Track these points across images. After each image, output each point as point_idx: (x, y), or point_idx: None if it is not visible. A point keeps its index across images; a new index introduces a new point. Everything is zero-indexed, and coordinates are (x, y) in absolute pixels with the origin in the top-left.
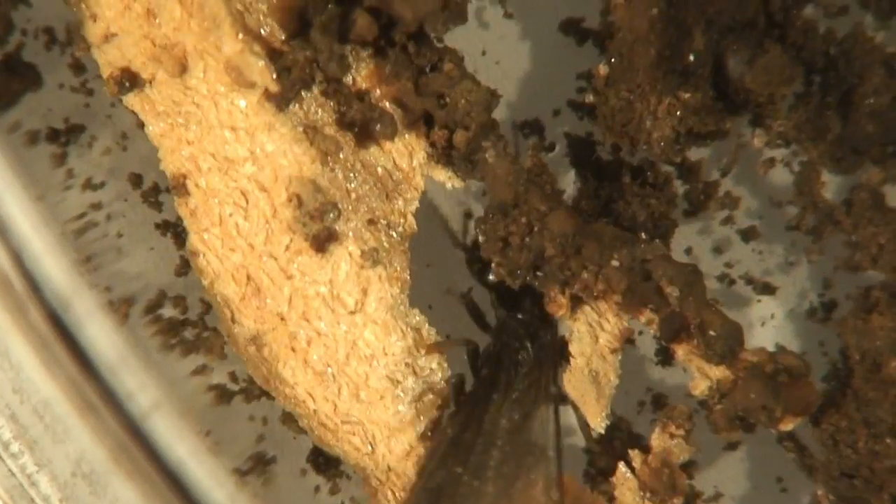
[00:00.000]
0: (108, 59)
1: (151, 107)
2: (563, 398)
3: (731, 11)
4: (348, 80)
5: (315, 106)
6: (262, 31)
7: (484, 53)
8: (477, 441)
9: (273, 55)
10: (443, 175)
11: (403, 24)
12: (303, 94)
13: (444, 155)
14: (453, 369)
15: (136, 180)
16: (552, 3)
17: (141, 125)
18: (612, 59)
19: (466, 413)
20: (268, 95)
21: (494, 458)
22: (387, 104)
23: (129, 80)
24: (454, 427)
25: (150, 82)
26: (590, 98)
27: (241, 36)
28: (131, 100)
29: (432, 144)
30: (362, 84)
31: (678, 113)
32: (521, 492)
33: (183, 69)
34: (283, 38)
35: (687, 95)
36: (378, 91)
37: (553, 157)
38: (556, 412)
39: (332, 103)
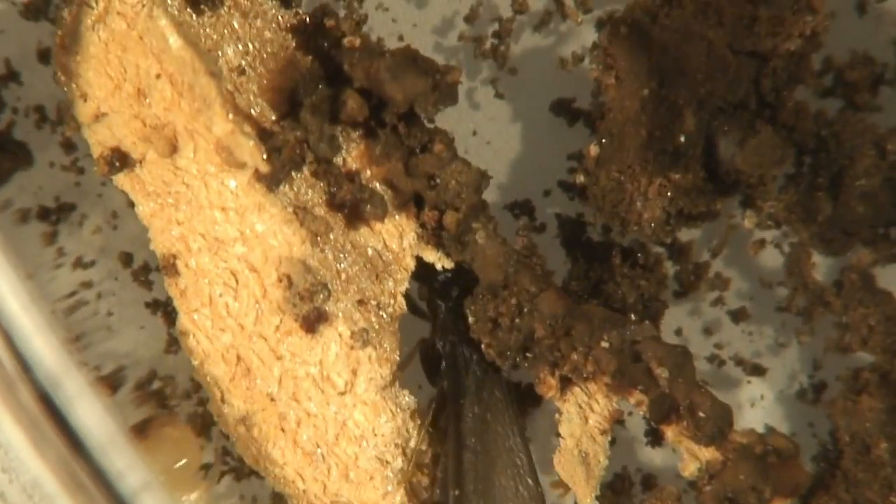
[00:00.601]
0: (98, 139)
1: (141, 187)
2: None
3: (723, 92)
4: (339, 160)
5: (305, 186)
6: (253, 112)
7: (475, 134)
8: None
9: (263, 135)
10: (433, 256)
11: (394, 105)
12: (293, 174)
13: (434, 236)
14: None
15: (127, 259)
16: (543, 84)
17: (131, 204)
18: (603, 140)
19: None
20: (258, 176)
21: (468, 459)
22: (377, 185)
23: (120, 159)
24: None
25: (141, 162)
26: (580, 178)
27: (231, 116)
28: (121, 179)
29: (422, 225)
30: (353, 164)
31: (669, 194)
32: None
33: (173, 149)
34: (273, 118)
35: (677, 176)
36: (368, 172)
37: (543, 238)
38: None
39: (322, 184)
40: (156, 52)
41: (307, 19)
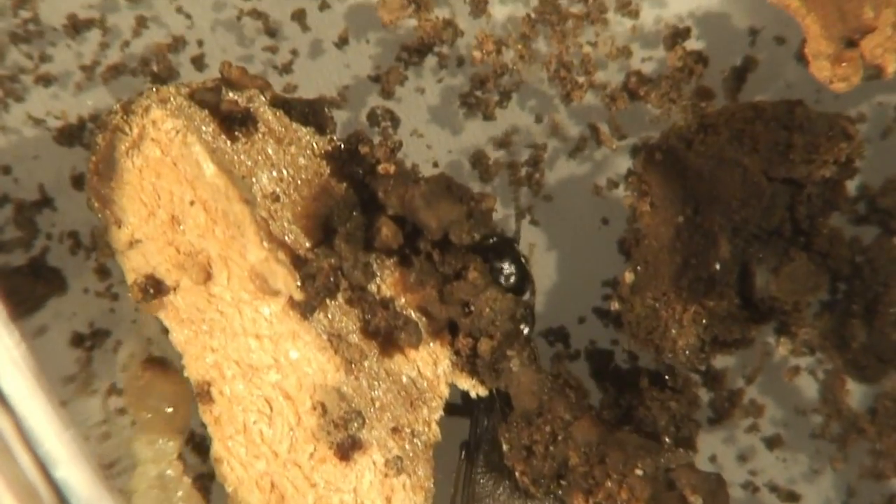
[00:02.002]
0: (132, 266)
1: (175, 314)
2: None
3: (757, 219)
4: (373, 287)
5: (340, 314)
6: (287, 239)
7: None
8: None
9: (297, 263)
10: (467, 383)
11: (428, 233)
12: (327, 301)
13: (469, 363)
14: None
15: None
16: (578, 211)
17: (165, 331)
18: (638, 267)
19: None
20: (292, 303)
21: None
22: (411, 312)
23: (154, 286)
24: None
25: (175, 289)
26: (615, 306)
27: (265, 244)
28: (155, 306)
29: (456, 352)
30: (387, 292)
31: (703, 321)
32: None
33: (207, 276)
34: (307, 245)
35: (712, 303)
36: (403, 299)
37: (578, 365)
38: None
39: (356, 311)
40: (190, 179)
41: (342, 146)
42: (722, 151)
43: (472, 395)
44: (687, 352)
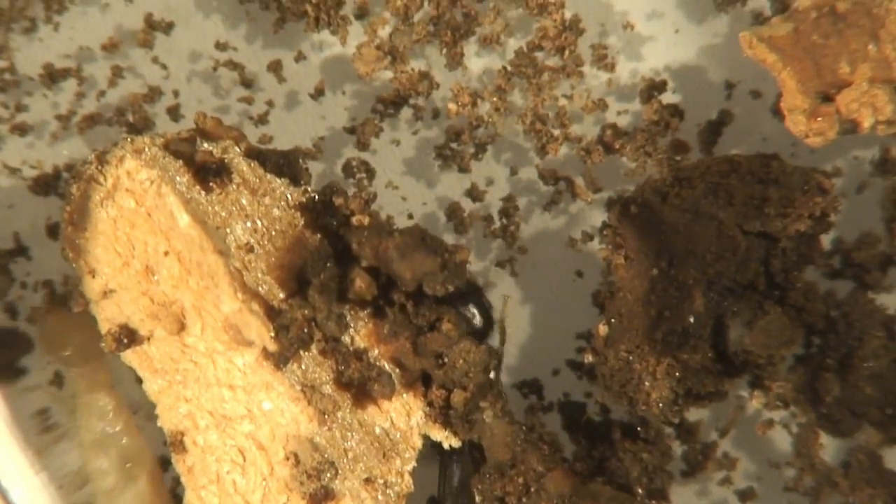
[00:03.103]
0: (106, 315)
1: (149, 363)
2: None
3: (732, 273)
4: (346, 338)
5: (313, 365)
6: (261, 290)
7: None
8: None
9: (271, 314)
10: (440, 434)
11: (402, 284)
12: (301, 352)
13: (442, 414)
14: None
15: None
16: (552, 264)
17: (139, 380)
18: (612, 320)
19: None
20: (266, 354)
21: None
22: (385, 363)
23: (128, 336)
24: None
25: (149, 339)
26: (589, 358)
27: (239, 295)
28: (129, 356)
29: (430, 403)
30: (361, 343)
31: (677, 374)
32: None
33: (181, 327)
34: (281, 296)
35: (686, 356)
36: (376, 350)
37: (552, 416)
38: None
39: (330, 362)
40: (164, 230)
41: (316, 197)
42: (697, 205)
43: (445, 446)
44: (660, 404)
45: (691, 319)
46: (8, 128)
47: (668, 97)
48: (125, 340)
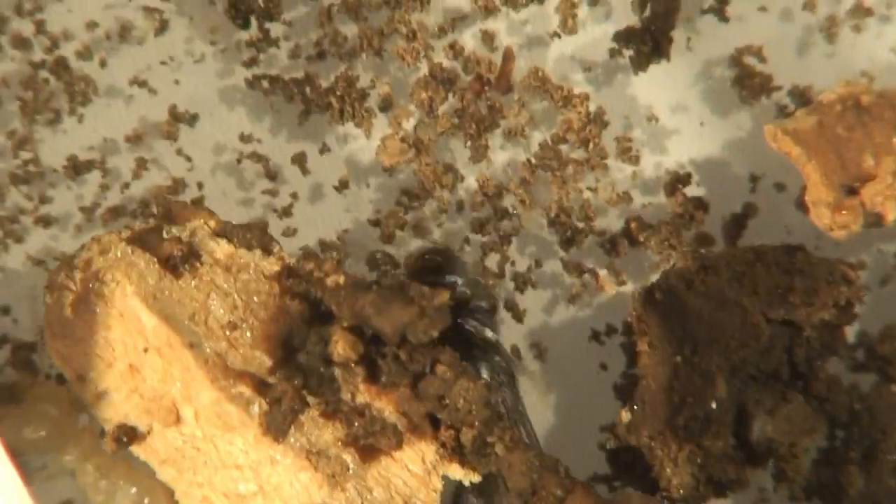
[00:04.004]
0: (104, 417)
1: (156, 456)
2: None
3: (755, 360)
4: (347, 396)
5: (316, 429)
6: (247, 368)
7: None
8: None
9: (262, 388)
10: (459, 472)
11: (385, 339)
12: (301, 419)
13: (456, 452)
14: None
15: None
16: (577, 356)
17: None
18: (635, 406)
19: None
20: (263, 430)
21: None
22: (389, 414)
23: (128, 435)
24: None
25: (149, 433)
26: (611, 444)
27: (220, 381)
28: (136, 450)
29: (442, 444)
30: (361, 398)
31: (699, 460)
32: None
33: (176, 418)
34: (269, 368)
35: (708, 443)
36: (378, 402)
37: None
38: None
39: (333, 423)
40: (139, 329)
41: (290, 265)
42: (722, 292)
43: (465, 483)
44: (681, 490)
45: (714, 406)
46: (32, 219)
47: (692, 190)
48: (125, 439)
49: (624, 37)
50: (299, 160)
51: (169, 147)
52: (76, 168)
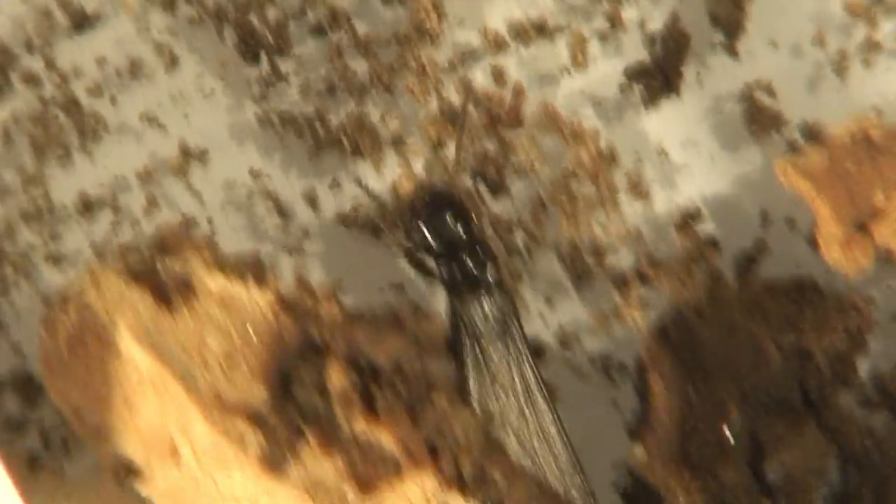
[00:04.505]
0: (102, 452)
1: (156, 489)
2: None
3: (767, 388)
4: (344, 426)
5: (314, 461)
6: (243, 400)
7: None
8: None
9: (259, 420)
10: (459, 501)
11: (380, 369)
12: (299, 451)
13: (456, 481)
14: None
15: None
16: (589, 393)
17: None
18: (648, 439)
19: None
20: (261, 463)
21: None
22: (386, 444)
23: (126, 469)
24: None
25: (148, 467)
26: (624, 479)
27: (215, 415)
28: (138, 485)
29: (441, 473)
30: (358, 429)
31: (712, 489)
32: None
33: (173, 451)
34: (265, 400)
35: (720, 472)
36: (375, 433)
37: None
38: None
39: (330, 455)
40: (132, 363)
41: (284, 296)
42: (732, 322)
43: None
44: None
45: (727, 432)
46: (42, 256)
47: (703, 226)
48: (124, 475)
49: (634, 72)
50: (310, 197)
51: (179, 184)
52: (87, 205)
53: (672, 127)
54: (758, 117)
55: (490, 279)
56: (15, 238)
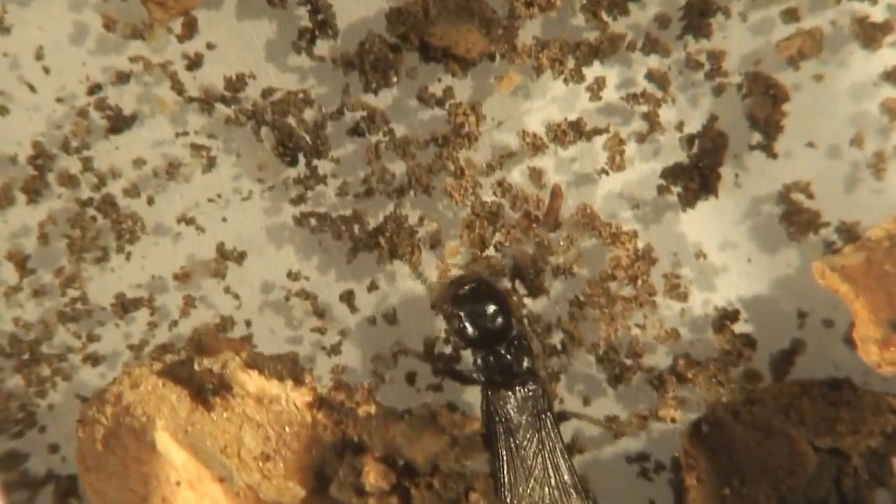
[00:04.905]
0: None
1: None
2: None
3: (803, 490)
4: None
5: None
6: (280, 499)
7: None
8: None
9: None
10: None
11: (417, 468)
12: None
13: None
14: None
15: None
16: (625, 493)
17: None
18: None
19: None
20: None
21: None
22: None
23: None
24: None
25: None
26: None
27: None
28: None
29: None
30: None
31: None
32: None
33: None
34: (302, 499)
35: None
36: None
37: None
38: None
39: None
40: (171, 462)
41: (321, 395)
42: (768, 422)
43: None
44: None
45: None
46: (80, 358)
47: (740, 326)
48: None
49: (672, 174)
50: (347, 297)
51: (216, 285)
52: (124, 306)
53: (710, 228)
54: (795, 218)
55: (525, 371)
56: (53, 339)
